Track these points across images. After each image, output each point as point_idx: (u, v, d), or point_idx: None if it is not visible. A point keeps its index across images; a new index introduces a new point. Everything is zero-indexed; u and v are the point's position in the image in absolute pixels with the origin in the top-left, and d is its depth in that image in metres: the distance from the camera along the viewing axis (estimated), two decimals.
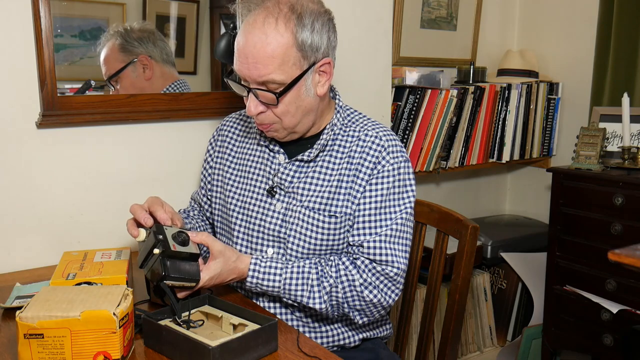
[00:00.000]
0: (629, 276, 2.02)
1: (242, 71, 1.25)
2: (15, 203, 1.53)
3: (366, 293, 1.27)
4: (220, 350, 0.99)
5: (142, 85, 1.71)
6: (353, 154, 1.33)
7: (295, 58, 1.22)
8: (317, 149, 1.34)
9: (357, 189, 1.32)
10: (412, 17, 2.45)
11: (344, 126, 1.38)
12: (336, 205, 1.31)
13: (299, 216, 1.33)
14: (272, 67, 1.21)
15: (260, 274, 1.28)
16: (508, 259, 2.51)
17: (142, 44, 1.69)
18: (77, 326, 0.97)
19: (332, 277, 1.28)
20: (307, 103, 1.28)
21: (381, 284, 1.28)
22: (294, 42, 1.21)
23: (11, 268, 1.52)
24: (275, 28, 1.20)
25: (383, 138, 1.34)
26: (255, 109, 1.27)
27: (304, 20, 1.22)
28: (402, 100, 2.21)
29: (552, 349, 2.34)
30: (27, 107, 1.51)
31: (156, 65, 1.72)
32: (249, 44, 1.21)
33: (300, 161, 1.36)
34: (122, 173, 1.66)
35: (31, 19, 1.47)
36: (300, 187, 1.34)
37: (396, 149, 1.34)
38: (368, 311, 1.31)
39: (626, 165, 2.14)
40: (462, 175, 2.76)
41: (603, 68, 2.41)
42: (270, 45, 1.20)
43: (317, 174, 1.34)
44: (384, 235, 1.29)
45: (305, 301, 1.28)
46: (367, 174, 1.31)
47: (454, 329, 1.51)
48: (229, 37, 1.80)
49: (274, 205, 1.36)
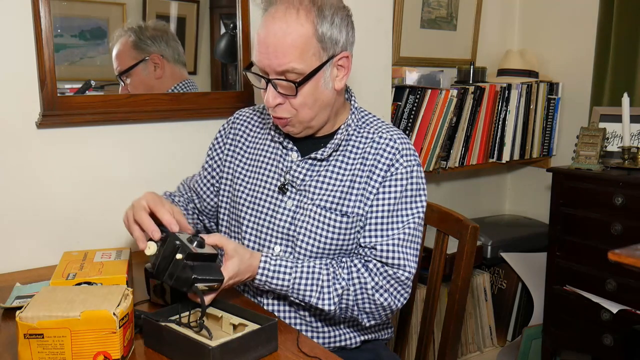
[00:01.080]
0: (629, 276, 2.02)
1: (262, 61, 1.25)
2: (15, 203, 1.53)
3: (377, 296, 1.28)
4: (220, 350, 0.99)
5: (152, 84, 1.71)
6: (367, 155, 1.33)
7: (315, 48, 1.24)
8: (331, 147, 1.34)
9: (370, 190, 1.31)
10: (412, 17, 2.45)
11: (358, 127, 1.38)
12: (348, 205, 1.31)
13: (310, 214, 1.32)
14: (292, 56, 1.22)
15: (270, 272, 1.27)
16: (508, 259, 2.51)
17: (155, 43, 1.69)
18: (77, 326, 0.97)
19: (345, 279, 1.28)
20: (325, 96, 1.29)
21: (392, 287, 1.29)
22: (314, 33, 1.23)
23: (11, 268, 1.52)
24: (296, 18, 1.22)
25: (397, 141, 1.34)
26: (274, 100, 1.26)
27: (324, 12, 1.24)
28: (402, 100, 2.21)
29: (552, 349, 2.34)
30: (27, 107, 1.51)
31: (167, 65, 1.73)
32: (270, 34, 1.22)
33: (313, 159, 1.36)
34: (122, 173, 1.66)
35: (31, 19, 1.47)
36: (312, 186, 1.34)
37: (410, 152, 1.34)
38: (377, 314, 1.31)
39: (626, 165, 2.14)
40: (462, 175, 2.76)
41: (603, 68, 2.40)
42: (290, 34, 1.21)
43: (329, 173, 1.34)
44: (397, 238, 1.29)
45: (314, 302, 1.28)
46: (380, 175, 1.31)
47: (454, 329, 1.51)
48: (229, 37, 1.81)
49: (285, 202, 1.35)
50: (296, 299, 1.29)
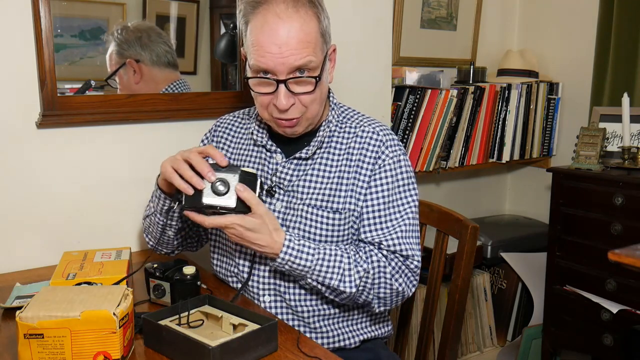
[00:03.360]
0: (629, 276, 2.02)
1: (273, 62, 1.21)
2: (15, 203, 1.52)
3: (393, 281, 1.30)
4: (220, 350, 0.99)
5: (133, 89, 1.69)
6: (351, 150, 1.35)
7: (321, 43, 1.26)
8: (315, 145, 1.34)
9: (360, 185, 1.32)
10: (412, 17, 2.45)
11: (339, 122, 1.39)
12: (338, 202, 1.32)
13: (301, 214, 1.33)
14: (309, 50, 1.22)
15: (295, 251, 1.25)
16: (508, 259, 2.51)
17: (130, 47, 1.67)
18: (77, 326, 0.97)
19: (366, 261, 1.29)
20: (325, 90, 1.32)
21: (405, 275, 1.32)
22: (319, 28, 1.25)
23: (11, 268, 1.52)
24: (307, 15, 1.22)
25: (380, 133, 1.36)
26: (287, 101, 1.25)
27: (322, 6, 1.26)
28: (402, 100, 2.21)
29: (552, 349, 2.34)
30: (27, 107, 1.51)
31: (145, 69, 1.70)
32: (281, 34, 1.20)
33: (298, 159, 1.36)
34: (122, 173, 1.66)
35: (31, 19, 1.47)
36: (301, 185, 1.34)
37: (394, 143, 1.36)
38: (389, 300, 1.33)
39: (626, 165, 2.14)
40: (462, 175, 2.76)
41: (603, 68, 2.40)
42: (304, 31, 1.22)
43: (316, 171, 1.35)
44: (400, 230, 1.32)
45: (335, 284, 1.27)
46: (368, 169, 1.33)
47: (454, 329, 1.51)
48: (229, 37, 1.81)
49: (274, 204, 1.35)
50: (314, 281, 1.28)
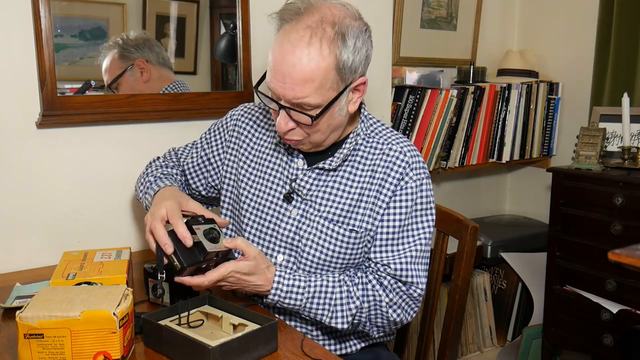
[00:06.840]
0: (629, 276, 2.02)
1: (276, 89, 1.19)
2: (16, 203, 1.52)
3: (390, 312, 1.28)
4: (220, 350, 0.99)
5: (141, 88, 1.72)
6: (376, 167, 1.31)
7: (333, 81, 1.18)
8: (340, 158, 1.31)
9: (379, 204, 1.29)
10: (412, 17, 2.45)
11: (367, 136, 1.34)
12: (355, 219, 1.29)
13: (315, 226, 1.30)
14: (309, 91, 1.16)
15: (283, 293, 1.25)
16: (508, 259, 2.51)
17: (138, 50, 1.71)
18: (77, 326, 0.97)
19: (359, 298, 1.27)
20: (338, 121, 1.26)
21: (404, 303, 1.29)
22: (335, 65, 1.16)
23: (11, 268, 1.52)
24: (319, 51, 1.15)
25: (407, 154, 1.31)
26: (286, 125, 1.22)
27: (347, 41, 1.17)
28: (402, 100, 2.21)
29: (552, 349, 2.34)
30: (27, 107, 1.51)
31: (153, 68, 1.73)
32: (288, 64, 1.15)
33: (321, 169, 1.32)
34: (122, 173, 1.66)
35: (31, 19, 1.47)
36: (319, 197, 1.31)
37: (419, 165, 1.32)
38: (387, 328, 1.32)
39: (626, 165, 2.14)
40: (462, 175, 2.76)
41: (603, 68, 2.40)
42: (310, 68, 1.15)
43: (337, 184, 1.31)
44: (409, 255, 1.29)
45: (326, 320, 1.27)
46: (390, 189, 1.29)
47: (454, 329, 1.51)
48: (229, 37, 1.81)
49: (290, 211, 1.32)
50: (307, 317, 1.29)
